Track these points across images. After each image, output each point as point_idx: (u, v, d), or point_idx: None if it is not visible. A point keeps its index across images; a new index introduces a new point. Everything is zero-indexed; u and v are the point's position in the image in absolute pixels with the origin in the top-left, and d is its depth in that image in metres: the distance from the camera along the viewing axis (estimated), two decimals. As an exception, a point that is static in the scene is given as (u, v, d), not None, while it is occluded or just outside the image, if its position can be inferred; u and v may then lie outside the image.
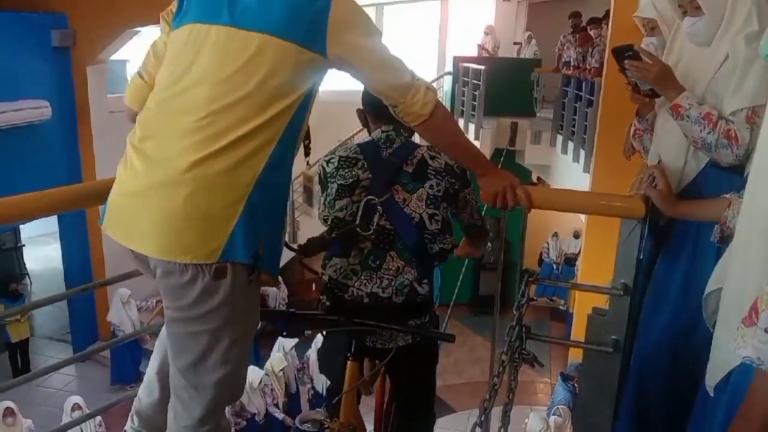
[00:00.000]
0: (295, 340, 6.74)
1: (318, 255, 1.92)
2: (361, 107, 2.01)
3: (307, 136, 1.59)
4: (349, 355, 1.89)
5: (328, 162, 1.97)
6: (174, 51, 1.51)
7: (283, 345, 6.67)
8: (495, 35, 11.02)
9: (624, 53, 1.70)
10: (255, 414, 6.34)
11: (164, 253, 1.38)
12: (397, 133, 1.93)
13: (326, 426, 1.84)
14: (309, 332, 2.04)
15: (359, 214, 1.85)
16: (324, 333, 2.17)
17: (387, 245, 1.86)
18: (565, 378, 6.49)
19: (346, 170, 1.91)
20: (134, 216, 1.42)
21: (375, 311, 1.85)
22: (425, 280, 1.89)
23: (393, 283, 1.85)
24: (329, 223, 1.92)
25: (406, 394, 2.12)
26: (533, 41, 10.63)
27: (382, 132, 1.94)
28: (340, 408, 1.88)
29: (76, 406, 6.03)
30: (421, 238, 1.87)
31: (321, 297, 1.96)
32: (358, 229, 1.83)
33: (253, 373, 6.21)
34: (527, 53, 10.62)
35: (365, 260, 1.87)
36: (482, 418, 1.42)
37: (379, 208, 1.86)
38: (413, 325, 1.91)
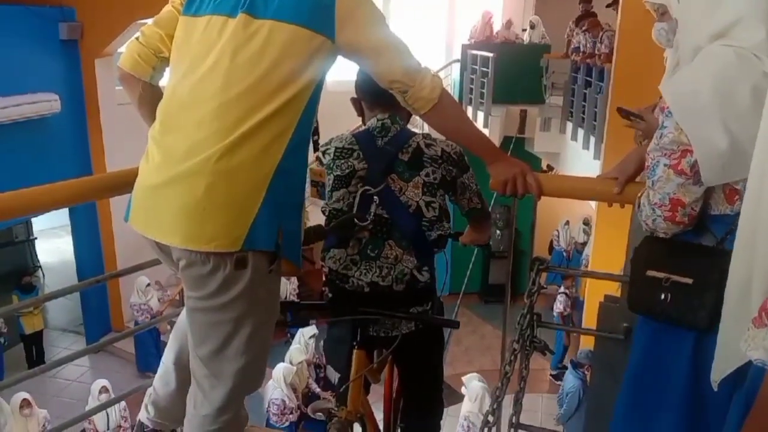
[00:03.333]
0: (315, 331, 6.77)
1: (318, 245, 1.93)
2: (355, 96, 1.99)
3: (315, 132, 1.60)
4: (354, 344, 1.90)
5: (324, 153, 1.97)
6: (189, 41, 1.53)
7: (303, 335, 6.67)
8: (491, 22, 10.89)
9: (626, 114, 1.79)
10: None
11: (188, 242, 1.40)
12: (392, 120, 1.91)
13: (333, 414, 1.86)
14: (314, 321, 2.06)
15: (356, 204, 1.86)
16: (327, 323, 2.19)
17: (385, 234, 1.87)
18: (576, 365, 6.49)
19: (342, 161, 1.91)
20: (158, 209, 1.44)
21: (377, 300, 1.86)
22: (425, 268, 1.89)
23: (392, 272, 1.86)
24: (327, 214, 1.93)
25: (413, 381, 2.13)
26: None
27: (378, 120, 1.92)
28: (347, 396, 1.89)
29: (103, 389, 6.09)
30: (419, 225, 1.87)
31: (324, 288, 1.98)
32: (355, 219, 1.83)
33: (286, 369, 6.24)
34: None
35: (364, 250, 1.88)
36: (494, 407, 1.43)
37: (376, 198, 1.86)
38: (416, 313, 1.92)
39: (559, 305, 8.71)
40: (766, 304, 1.01)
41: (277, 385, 6.12)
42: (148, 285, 8.02)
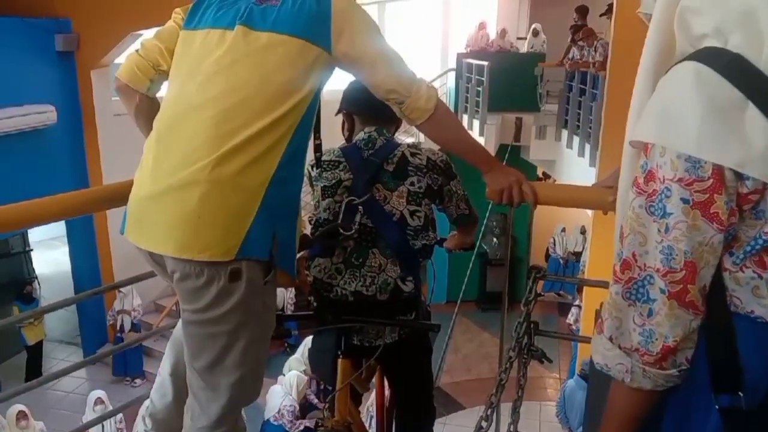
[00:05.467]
0: None
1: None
2: (347, 111, 2.01)
3: (318, 149, 1.61)
4: (339, 353, 1.92)
5: (312, 166, 2.00)
6: (187, 54, 1.54)
7: (308, 347, 6.59)
8: (486, 31, 10.95)
9: None
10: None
11: (182, 251, 1.39)
12: (379, 133, 1.95)
13: (320, 424, 1.87)
14: (296, 332, 2.06)
15: (341, 214, 1.88)
16: (312, 332, 2.21)
17: (369, 243, 1.89)
18: (585, 378, 6.09)
19: (329, 172, 1.95)
20: (152, 219, 1.44)
21: (361, 309, 1.88)
22: (410, 278, 1.91)
23: (376, 281, 1.88)
24: (313, 223, 1.97)
25: (403, 389, 2.15)
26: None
27: (365, 133, 1.96)
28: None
29: (98, 400, 6.09)
30: (403, 234, 1.89)
31: (309, 298, 1.99)
32: (340, 229, 1.85)
33: (299, 378, 6.25)
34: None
35: (348, 259, 1.90)
36: (488, 413, 1.42)
37: (360, 207, 1.88)
38: (398, 319, 1.93)
39: (571, 317, 8.43)
40: (603, 312, 1.04)
41: (289, 392, 6.13)
42: (119, 292, 8.01)
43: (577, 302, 8.62)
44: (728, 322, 0.95)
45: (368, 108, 1.86)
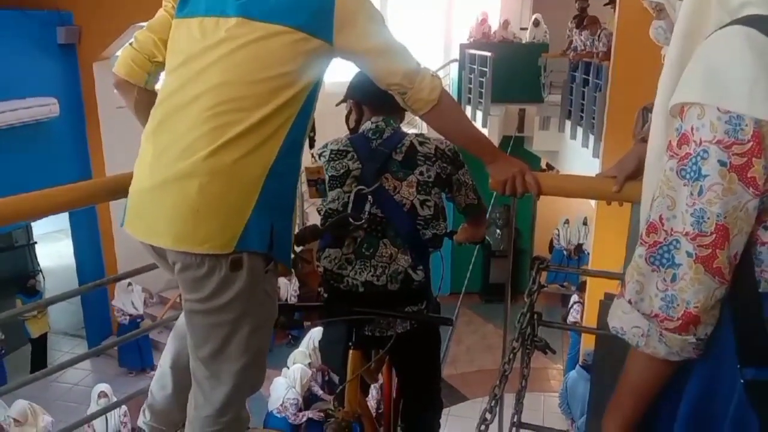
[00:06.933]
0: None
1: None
2: (356, 100, 2.00)
3: (312, 128, 1.60)
4: (350, 344, 1.91)
5: (320, 155, 1.99)
6: (182, 43, 1.52)
7: (313, 340, 6.65)
8: (489, 22, 10.89)
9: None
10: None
11: (181, 243, 1.39)
12: (386, 123, 1.95)
13: (331, 415, 1.88)
14: (308, 323, 2.07)
15: (350, 203, 1.87)
16: (322, 324, 2.21)
17: (379, 233, 1.89)
18: (587, 368, 5.97)
19: (337, 162, 1.94)
20: (151, 211, 1.44)
21: (371, 300, 1.87)
22: (420, 267, 1.90)
23: (387, 271, 1.87)
24: (322, 214, 1.96)
25: (411, 380, 2.15)
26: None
27: (372, 123, 1.95)
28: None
29: (102, 394, 6.10)
30: (413, 224, 1.89)
31: (319, 289, 1.98)
32: (350, 219, 1.85)
33: (303, 371, 6.27)
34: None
35: (359, 249, 1.89)
36: (492, 404, 1.42)
37: (370, 197, 1.87)
38: (410, 312, 1.93)
39: (575, 314, 8.25)
40: (626, 275, 1.02)
41: (293, 385, 6.17)
42: (129, 285, 8.05)
43: (575, 297, 8.60)
44: (756, 297, 0.94)
45: (377, 97, 1.85)
